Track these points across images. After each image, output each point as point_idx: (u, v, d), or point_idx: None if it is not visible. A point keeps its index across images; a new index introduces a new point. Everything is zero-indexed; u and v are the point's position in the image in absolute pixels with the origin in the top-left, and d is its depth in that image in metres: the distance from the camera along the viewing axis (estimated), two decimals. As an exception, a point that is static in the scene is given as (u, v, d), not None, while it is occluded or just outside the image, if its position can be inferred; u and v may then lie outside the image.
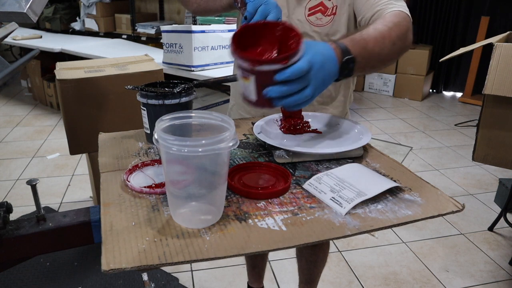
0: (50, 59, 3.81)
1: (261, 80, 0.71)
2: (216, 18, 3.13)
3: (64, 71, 1.89)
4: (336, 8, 1.07)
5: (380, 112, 4.27)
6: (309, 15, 1.09)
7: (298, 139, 0.99)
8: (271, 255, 2.05)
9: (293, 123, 1.01)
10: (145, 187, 0.77)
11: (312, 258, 1.53)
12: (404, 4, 0.98)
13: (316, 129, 1.03)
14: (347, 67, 0.79)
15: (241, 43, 0.76)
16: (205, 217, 0.68)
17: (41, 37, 4.28)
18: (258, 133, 0.95)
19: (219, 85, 1.30)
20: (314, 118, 1.08)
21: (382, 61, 0.88)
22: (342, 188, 0.76)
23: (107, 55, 3.17)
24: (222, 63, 2.80)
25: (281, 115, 1.05)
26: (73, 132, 1.88)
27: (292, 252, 1.90)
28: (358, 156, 0.92)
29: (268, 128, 1.02)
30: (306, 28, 1.10)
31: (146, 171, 0.86)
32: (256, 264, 1.70)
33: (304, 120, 1.03)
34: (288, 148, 0.88)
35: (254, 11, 0.90)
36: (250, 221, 0.69)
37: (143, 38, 4.21)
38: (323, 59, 0.74)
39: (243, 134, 1.04)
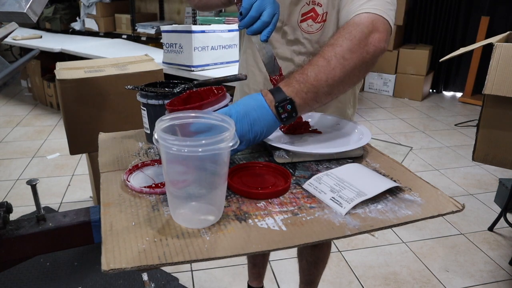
0: (50, 59, 3.81)
1: (181, 131, 0.74)
2: (216, 18, 3.13)
3: (64, 71, 1.89)
4: (326, 15, 1.06)
5: (380, 112, 4.27)
6: (301, 21, 1.09)
7: (298, 139, 0.99)
8: (271, 255, 2.05)
9: (293, 124, 1.02)
10: (145, 187, 0.77)
11: (312, 259, 1.53)
12: (380, 2, 0.89)
13: (316, 129, 1.03)
14: (285, 110, 0.80)
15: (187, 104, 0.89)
16: (205, 217, 0.68)
17: (41, 37, 4.28)
18: None
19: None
20: (314, 118, 1.08)
21: (339, 82, 0.83)
22: (342, 188, 0.76)
23: (107, 55, 3.18)
24: (222, 63, 2.80)
25: None
26: (73, 132, 1.88)
27: (292, 252, 1.90)
28: (358, 156, 0.92)
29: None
30: (298, 35, 1.11)
31: (146, 171, 0.86)
32: (257, 262, 1.70)
33: (304, 120, 1.03)
34: (288, 148, 0.88)
35: (250, 7, 0.88)
36: (250, 221, 0.69)
37: (143, 38, 4.21)
38: (246, 109, 0.79)
39: (243, 134, 1.04)
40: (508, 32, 1.92)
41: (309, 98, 0.82)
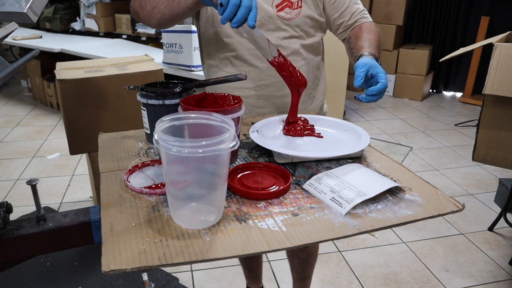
0: (50, 59, 3.81)
1: (189, 130, 0.76)
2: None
3: (64, 71, 1.89)
4: (302, 2, 1.16)
5: (380, 112, 4.27)
6: (278, 11, 1.15)
7: (297, 141, 0.99)
8: (271, 255, 2.05)
9: (298, 127, 1.02)
10: (145, 187, 0.77)
11: (304, 255, 1.53)
12: (364, 9, 1.25)
13: (319, 133, 1.03)
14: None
15: (201, 106, 0.94)
16: (205, 218, 0.68)
17: (41, 37, 4.28)
18: (252, 132, 0.95)
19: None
20: (311, 120, 1.07)
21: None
22: (342, 188, 0.76)
23: (107, 55, 3.17)
24: (222, 63, 2.79)
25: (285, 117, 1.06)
26: (73, 132, 1.88)
27: (292, 252, 1.90)
28: (358, 156, 0.92)
29: (268, 128, 1.02)
30: (278, 23, 1.16)
31: (146, 172, 0.86)
32: (252, 266, 1.71)
33: (308, 123, 1.03)
34: (287, 153, 0.88)
35: None
36: (250, 221, 0.69)
37: (143, 38, 4.21)
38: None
39: (243, 134, 1.04)
40: (508, 32, 1.92)
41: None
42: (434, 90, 4.97)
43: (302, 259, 1.54)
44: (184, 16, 1.09)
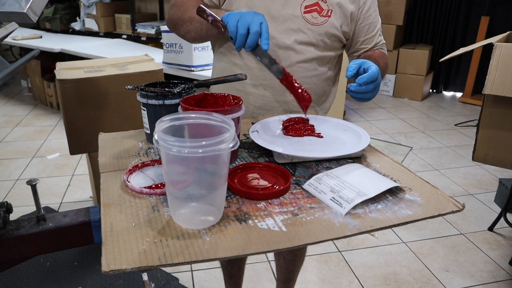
0: (50, 59, 3.81)
1: (189, 130, 0.76)
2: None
3: (64, 71, 1.89)
4: (331, 12, 1.14)
5: (380, 112, 4.27)
6: (305, 12, 1.13)
7: (297, 142, 0.99)
8: (270, 255, 2.05)
9: (298, 127, 1.02)
10: (145, 187, 0.77)
11: (290, 257, 1.52)
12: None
13: (319, 133, 1.03)
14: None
15: (201, 106, 0.94)
16: (205, 217, 0.68)
17: (41, 37, 4.28)
18: (252, 132, 0.95)
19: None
20: (311, 120, 1.07)
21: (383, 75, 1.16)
22: (342, 188, 0.76)
23: (107, 55, 3.17)
24: (222, 63, 2.79)
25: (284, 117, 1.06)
26: (73, 132, 1.88)
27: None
28: (358, 156, 0.92)
29: (268, 128, 1.02)
30: (301, 25, 1.14)
31: (146, 172, 0.86)
32: (233, 273, 1.63)
33: (309, 123, 1.03)
34: (287, 153, 0.88)
35: (236, 29, 0.93)
36: (250, 221, 0.69)
37: (143, 38, 4.21)
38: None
39: (243, 134, 1.04)
40: (508, 32, 1.92)
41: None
42: (434, 90, 4.97)
43: (288, 260, 1.53)
44: (208, 39, 1.20)
